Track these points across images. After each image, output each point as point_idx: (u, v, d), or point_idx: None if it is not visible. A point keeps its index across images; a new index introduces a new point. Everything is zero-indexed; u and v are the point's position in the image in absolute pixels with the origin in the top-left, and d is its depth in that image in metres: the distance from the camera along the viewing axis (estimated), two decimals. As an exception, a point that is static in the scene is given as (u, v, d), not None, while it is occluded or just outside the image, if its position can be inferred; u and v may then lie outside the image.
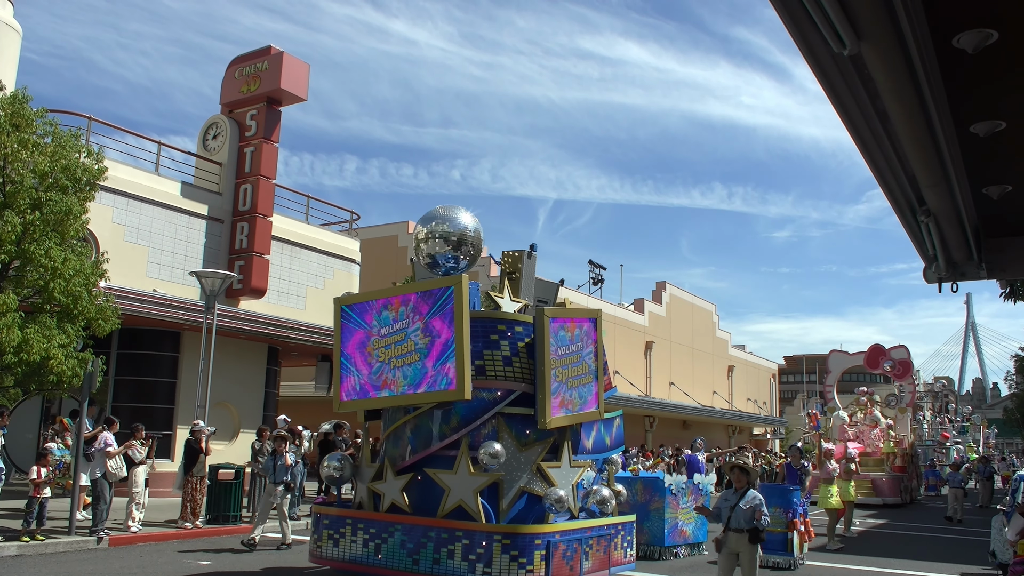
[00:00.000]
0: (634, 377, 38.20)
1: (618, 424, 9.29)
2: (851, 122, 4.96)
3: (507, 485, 7.54)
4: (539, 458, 7.74)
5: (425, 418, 7.84)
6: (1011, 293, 16.70)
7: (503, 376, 7.77)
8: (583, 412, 8.17)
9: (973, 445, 48.77)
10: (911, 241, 7.24)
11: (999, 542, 12.25)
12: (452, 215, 8.51)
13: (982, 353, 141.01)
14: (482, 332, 7.81)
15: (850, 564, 12.79)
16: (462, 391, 7.27)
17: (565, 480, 7.84)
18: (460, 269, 8.60)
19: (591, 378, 8.37)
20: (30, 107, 13.26)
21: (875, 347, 30.24)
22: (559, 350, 7.87)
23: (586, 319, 8.44)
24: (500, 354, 7.80)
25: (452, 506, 7.30)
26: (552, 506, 7.32)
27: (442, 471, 7.47)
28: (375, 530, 7.64)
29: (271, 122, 22.42)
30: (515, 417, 7.81)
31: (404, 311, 7.79)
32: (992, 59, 4.21)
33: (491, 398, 7.72)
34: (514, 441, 7.65)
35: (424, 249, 8.55)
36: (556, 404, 7.73)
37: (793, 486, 12.33)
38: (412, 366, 7.65)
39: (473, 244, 8.57)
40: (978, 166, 5.60)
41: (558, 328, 7.93)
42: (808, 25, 3.72)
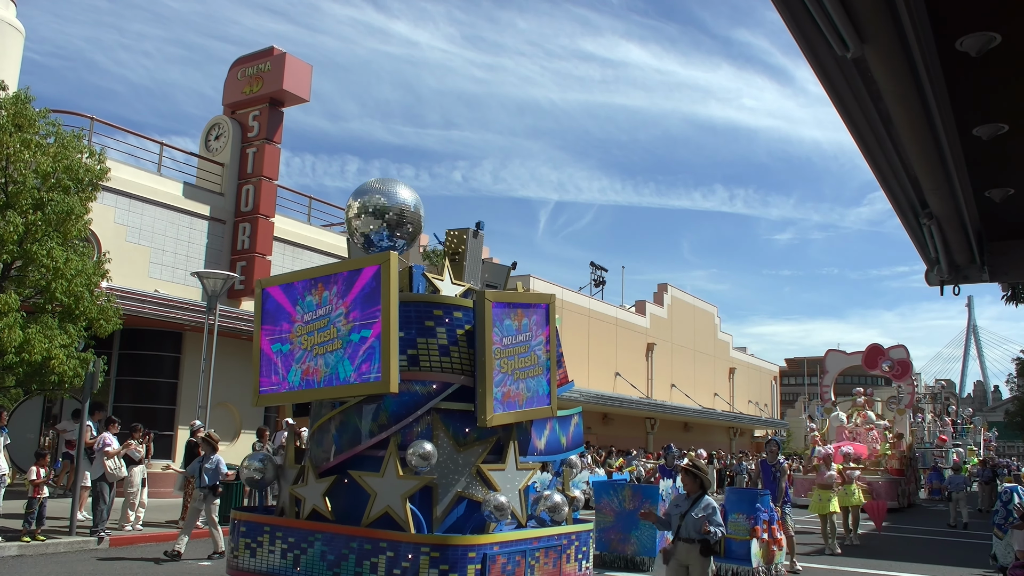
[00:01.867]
0: (635, 379, 38.18)
1: (576, 423, 8.26)
2: (854, 125, 4.96)
3: (442, 490, 6.69)
4: (480, 460, 6.87)
5: (351, 414, 6.97)
6: (1013, 296, 16.67)
7: (439, 367, 6.89)
8: (532, 409, 7.25)
9: (974, 448, 48.69)
10: (913, 244, 7.23)
11: (1000, 545, 12.23)
12: (388, 188, 7.56)
13: (983, 356, 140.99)
14: (416, 318, 6.94)
15: (850, 567, 12.77)
16: (387, 383, 6.44)
17: (510, 484, 6.99)
18: (398, 249, 7.63)
19: (542, 371, 7.41)
20: (32, 107, 13.28)
21: (873, 347, 29.60)
22: (503, 339, 7.03)
23: (537, 305, 7.47)
24: (436, 343, 6.93)
25: (378, 513, 6.48)
26: (491, 514, 6.47)
27: (368, 474, 6.64)
28: (294, 539, 6.83)
29: (273, 123, 22.44)
30: (453, 413, 6.90)
31: (328, 295, 6.96)
32: (995, 62, 4.20)
33: (425, 392, 6.83)
34: (451, 440, 6.80)
35: (357, 227, 7.57)
36: (499, 399, 6.89)
37: (763, 490, 11.49)
38: (335, 355, 6.82)
39: (412, 222, 7.64)
40: (980, 169, 5.60)
41: (502, 314, 7.07)
42: (811, 28, 3.72)
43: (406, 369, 6.77)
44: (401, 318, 6.70)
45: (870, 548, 15.67)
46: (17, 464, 16.05)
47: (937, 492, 30.86)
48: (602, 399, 32.79)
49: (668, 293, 43.68)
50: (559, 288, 34.23)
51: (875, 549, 15.54)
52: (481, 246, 8.46)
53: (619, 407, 34.65)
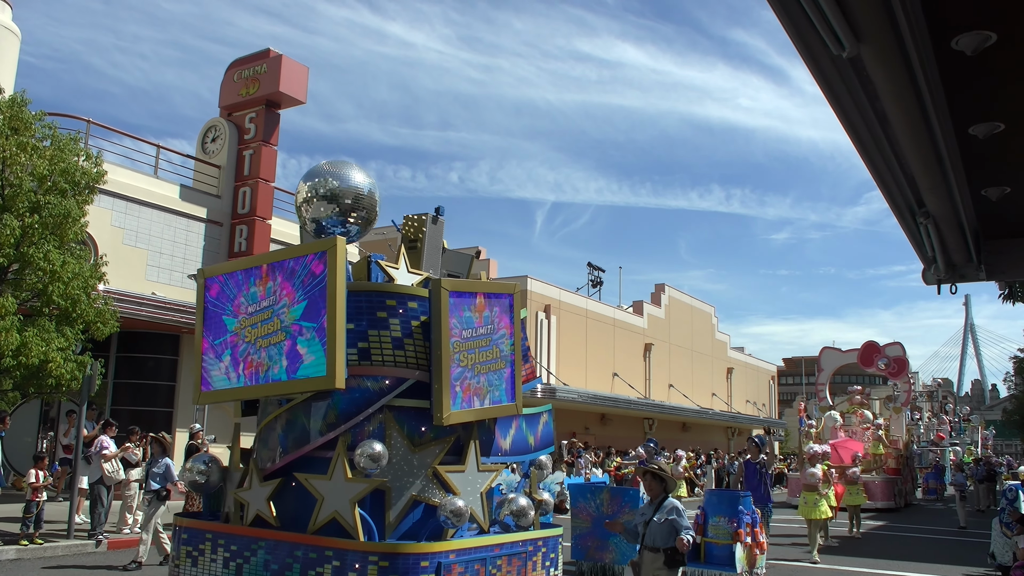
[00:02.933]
0: (633, 379, 38.19)
1: (545, 421, 7.81)
2: (850, 124, 4.97)
3: (395, 493, 6.23)
4: (436, 461, 6.39)
5: (298, 412, 6.51)
6: (1010, 295, 16.73)
7: (392, 361, 6.42)
8: (494, 406, 6.77)
9: (973, 448, 48.73)
10: (910, 243, 7.24)
11: (999, 544, 12.25)
12: (341, 171, 7.07)
13: (981, 355, 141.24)
14: (367, 308, 6.47)
15: (849, 566, 12.79)
16: (333, 378, 6.00)
17: (471, 487, 6.51)
18: (352, 237, 7.16)
19: (505, 366, 6.91)
20: (29, 110, 13.26)
21: (869, 344, 28.99)
22: (462, 331, 6.56)
23: (500, 295, 6.96)
24: (389, 335, 6.45)
25: (325, 519, 6.02)
26: (448, 519, 6.01)
27: (315, 476, 6.19)
28: (237, 547, 6.36)
29: (270, 125, 22.43)
30: (408, 411, 6.43)
31: (272, 284, 6.52)
32: (991, 61, 4.21)
33: (377, 388, 6.37)
34: (405, 440, 6.33)
35: (307, 213, 7.09)
36: (457, 396, 6.41)
37: (744, 492, 10.85)
38: (279, 348, 6.38)
39: (367, 207, 7.11)
40: (977, 168, 5.61)
41: (461, 304, 6.60)
42: (807, 27, 3.73)
43: (356, 364, 6.34)
44: (351, 309, 6.32)
45: (868, 547, 15.69)
46: (14, 467, 16.02)
47: (933, 492, 30.70)
48: (600, 399, 32.79)
49: (666, 293, 43.71)
50: (556, 289, 34.24)
51: (873, 548, 15.56)
52: (441, 232, 7.97)
53: (617, 407, 34.66)
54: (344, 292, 6.21)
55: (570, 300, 35.03)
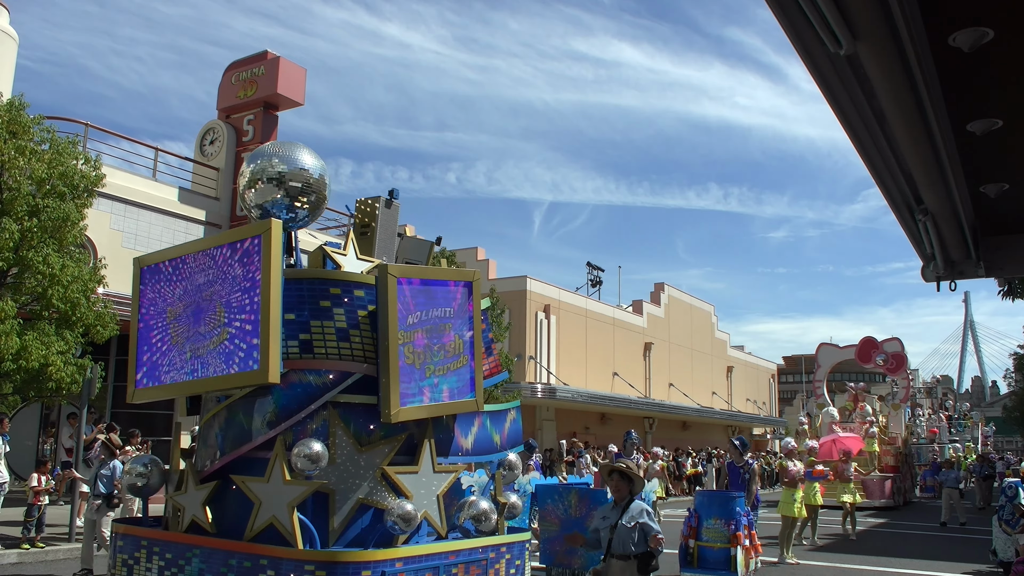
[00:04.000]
0: (633, 379, 38.21)
1: (512, 418, 7.25)
2: (848, 122, 4.97)
3: (340, 497, 5.77)
4: (386, 461, 5.91)
5: (237, 409, 6.03)
6: (1009, 291, 16.72)
7: (337, 354, 5.93)
8: (450, 402, 6.24)
9: (972, 444, 48.73)
10: (909, 240, 7.25)
11: (1000, 540, 12.26)
12: (288, 153, 6.57)
13: (981, 351, 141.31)
14: (309, 297, 5.99)
15: (850, 564, 12.79)
16: (266, 372, 5.53)
17: (425, 490, 6.03)
18: (300, 223, 6.67)
19: (464, 359, 6.40)
20: (27, 114, 13.27)
21: (867, 340, 28.57)
22: (413, 321, 6.06)
23: (457, 283, 6.44)
24: (334, 325, 5.97)
25: (263, 524, 5.59)
26: (396, 524, 5.55)
27: (253, 479, 5.74)
28: (172, 555, 5.93)
29: (268, 127, 22.44)
30: (354, 407, 5.97)
31: (207, 273, 6.15)
32: (988, 57, 4.22)
33: (320, 383, 5.91)
34: (351, 439, 5.87)
35: (251, 199, 6.54)
36: (408, 391, 5.90)
37: (736, 492, 10.35)
38: (213, 340, 6.01)
39: (316, 191, 6.58)
40: (975, 164, 5.61)
41: (412, 292, 6.07)
42: (803, 25, 3.73)
43: (298, 357, 5.88)
44: (292, 298, 5.89)
45: (867, 545, 15.70)
46: (15, 471, 16.02)
47: (931, 489, 30.44)
48: (600, 399, 32.80)
49: (665, 292, 43.73)
50: (556, 289, 34.26)
51: (873, 546, 15.57)
52: (396, 217, 7.43)
53: (617, 407, 34.67)
54: (279, 279, 5.76)
55: (569, 300, 35.04)
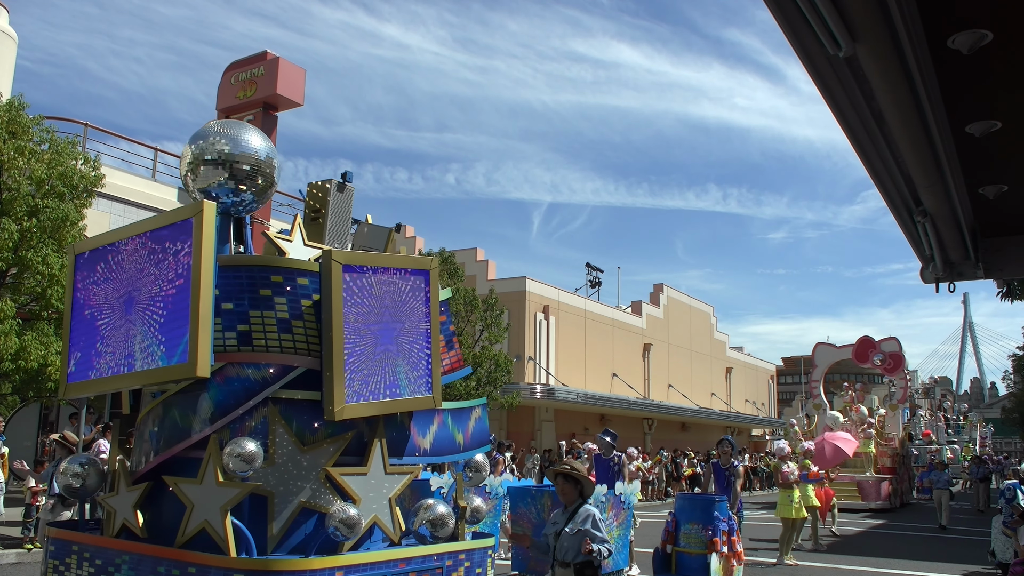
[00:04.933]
0: (632, 379, 38.21)
1: (478, 417, 6.86)
2: (847, 124, 4.98)
3: (280, 500, 5.43)
4: (330, 461, 5.57)
5: (172, 406, 5.70)
6: (1008, 292, 16.74)
7: (278, 347, 5.58)
8: (402, 398, 5.85)
9: (970, 445, 48.76)
10: (908, 241, 7.26)
11: (999, 542, 12.27)
12: (233, 132, 6.14)
13: (980, 353, 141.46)
14: (248, 285, 5.61)
15: (848, 565, 12.80)
16: (194, 365, 5.16)
17: (375, 493, 5.70)
18: (246, 208, 6.27)
19: (419, 353, 6.02)
20: (26, 115, 13.27)
21: (864, 339, 28.02)
22: (362, 311, 5.71)
23: (412, 271, 6.03)
24: (275, 316, 5.60)
25: (195, 529, 5.24)
26: (337, 530, 5.23)
27: (185, 480, 5.40)
28: (102, 561, 5.60)
29: (267, 128, 22.44)
30: (297, 404, 5.62)
31: (138, 259, 5.76)
32: (987, 59, 4.23)
33: (260, 377, 5.57)
34: (292, 437, 5.52)
35: (193, 181, 6.14)
36: (354, 386, 5.56)
37: (719, 496, 9.83)
38: (143, 330, 5.61)
39: (264, 174, 6.17)
40: (974, 166, 5.63)
41: (359, 280, 5.71)
42: (803, 27, 3.74)
43: (235, 349, 5.53)
44: (231, 286, 5.57)
45: (866, 546, 15.71)
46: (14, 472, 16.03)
47: (928, 491, 30.19)
48: (599, 400, 32.81)
49: (664, 293, 43.74)
50: (555, 289, 34.27)
51: (871, 547, 15.58)
52: (350, 202, 7.08)
53: (616, 408, 34.68)
54: (212, 265, 5.40)
55: (568, 301, 35.05)
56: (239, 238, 6.36)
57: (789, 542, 12.99)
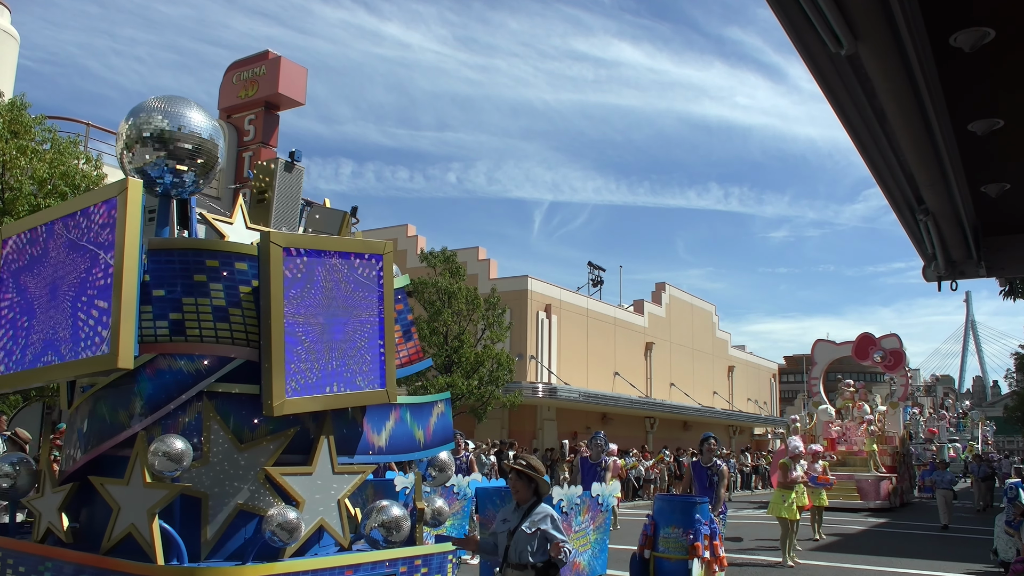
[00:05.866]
0: (634, 378, 38.20)
1: (441, 412, 6.34)
2: (849, 122, 4.98)
3: (215, 502, 4.98)
4: (271, 460, 5.12)
5: (100, 401, 5.30)
6: (1011, 291, 16.73)
7: (214, 336, 5.15)
8: (353, 392, 5.39)
9: (973, 444, 48.69)
10: (910, 240, 7.25)
11: (1002, 540, 12.26)
12: (173, 109, 5.62)
13: (982, 351, 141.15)
14: (181, 271, 5.16)
15: (851, 563, 12.78)
16: (115, 356, 4.72)
17: (322, 494, 5.24)
18: (187, 189, 5.79)
19: (372, 344, 5.53)
20: (28, 114, 13.29)
21: (864, 336, 27.76)
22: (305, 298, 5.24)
23: (363, 256, 5.55)
24: (210, 303, 5.17)
25: (121, 534, 4.83)
26: (274, 535, 4.78)
27: (112, 481, 4.96)
28: (24, 568, 5.23)
29: (269, 127, 22.46)
30: (235, 398, 5.18)
31: (61, 243, 5.37)
32: (989, 57, 4.22)
33: (194, 369, 5.13)
34: (229, 434, 5.07)
35: (129, 161, 5.65)
36: (297, 379, 5.11)
37: (701, 498, 9.22)
38: (65, 319, 5.22)
39: (206, 153, 5.69)
40: (976, 164, 5.61)
41: (303, 264, 5.23)
42: (805, 25, 3.73)
43: (167, 339, 5.13)
44: (163, 271, 5.15)
45: (868, 545, 15.70)
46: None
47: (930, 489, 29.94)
48: (601, 399, 32.81)
49: (666, 292, 43.73)
50: (557, 288, 34.27)
51: (873, 546, 15.56)
52: (299, 183, 6.64)
53: (618, 407, 34.67)
54: (137, 248, 4.95)
55: (570, 300, 35.05)
56: (183, 222, 5.97)
57: (791, 543, 12.69)
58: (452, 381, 23.23)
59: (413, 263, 31.86)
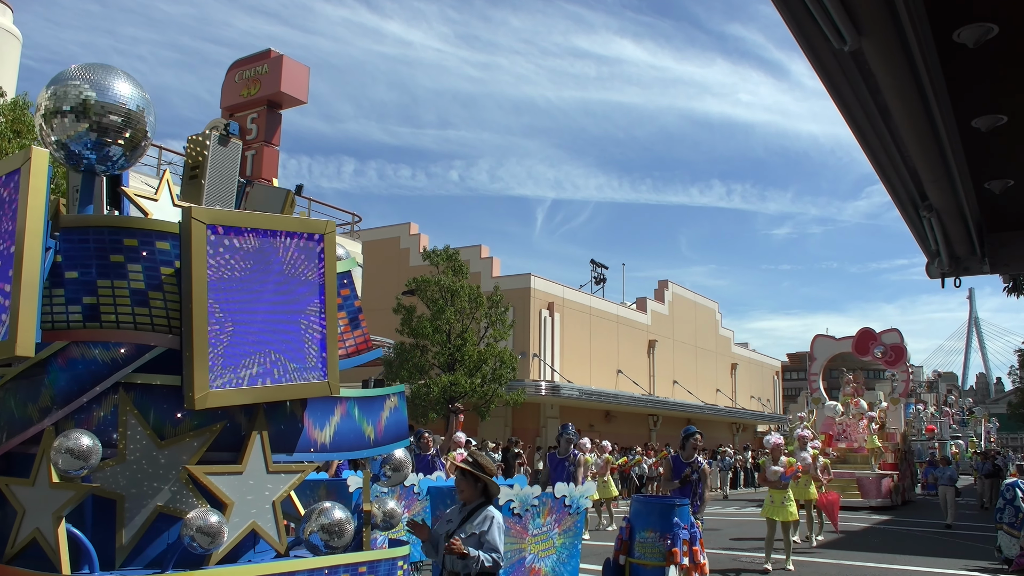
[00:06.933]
0: (637, 376, 38.20)
1: (393, 407, 5.87)
2: (852, 119, 4.97)
3: (132, 504, 4.61)
4: (194, 458, 4.74)
5: (9, 393, 4.95)
6: (1014, 287, 16.70)
7: (132, 322, 4.73)
8: (289, 384, 5.00)
9: (976, 440, 48.59)
10: (914, 236, 7.24)
11: (1005, 538, 12.25)
12: (99, 78, 5.19)
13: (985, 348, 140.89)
14: (96, 250, 4.73)
15: (854, 560, 12.77)
16: (14, 343, 4.34)
17: (255, 495, 4.87)
18: (114, 165, 5.38)
19: (312, 331, 5.15)
20: (30, 113, 13.30)
21: (864, 331, 27.41)
22: (229, 278, 4.84)
23: (299, 235, 5.16)
24: (128, 286, 4.74)
25: (26, 539, 4.46)
26: (194, 540, 4.40)
27: (17, 481, 4.61)
28: None
29: (272, 125, 22.35)
30: (155, 390, 4.80)
31: None
32: (992, 54, 4.21)
33: (110, 359, 4.74)
34: (147, 430, 4.69)
35: (49, 133, 5.24)
36: (224, 369, 4.73)
37: (680, 499, 8.50)
38: None
39: (134, 126, 5.27)
40: (980, 161, 5.60)
41: (231, 244, 4.83)
42: (808, 22, 3.73)
43: (80, 326, 4.71)
44: (76, 251, 4.74)
45: (871, 542, 15.68)
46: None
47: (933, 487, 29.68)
48: (604, 396, 32.81)
49: (669, 290, 43.72)
50: (560, 286, 34.27)
51: (876, 543, 15.55)
52: (236, 158, 6.23)
53: (621, 404, 34.68)
54: (41, 224, 4.53)
55: (573, 297, 35.05)
56: (114, 201, 5.58)
57: (789, 544, 11.91)
58: (455, 379, 23.25)
59: (416, 261, 31.89)
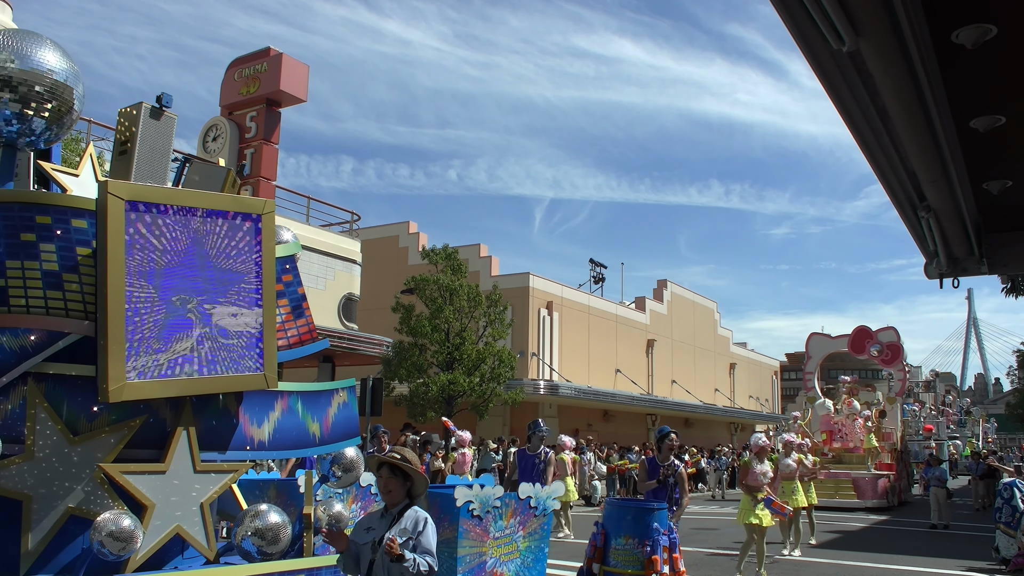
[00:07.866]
0: (636, 375, 38.21)
1: (342, 402, 5.43)
2: (850, 119, 4.97)
3: (41, 506, 4.18)
4: (110, 456, 4.31)
5: None
6: (1012, 288, 16.73)
7: (43, 307, 4.31)
8: (220, 376, 4.54)
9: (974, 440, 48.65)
10: (912, 237, 7.25)
11: (1003, 538, 12.27)
12: (22, 46, 4.80)
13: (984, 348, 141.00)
14: (5, 228, 4.31)
15: (850, 560, 12.79)
16: None
17: (180, 496, 4.43)
18: (38, 138, 5.00)
19: (249, 319, 4.70)
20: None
21: (860, 329, 26.97)
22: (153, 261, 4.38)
23: (234, 214, 4.68)
24: (39, 268, 4.33)
25: None
26: (103, 545, 4.04)
27: None
28: None
29: (271, 124, 22.46)
30: (70, 381, 4.37)
31: None
32: (991, 54, 4.21)
33: (18, 346, 4.31)
34: (59, 424, 4.26)
35: None
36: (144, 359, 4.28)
37: (658, 503, 7.78)
38: None
39: (59, 96, 4.89)
40: (978, 161, 5.61)
41: (154, 222, 4.37)
42: (807, 22, 3.73)
43: None
44: None
45: (869, 542, 15.70)
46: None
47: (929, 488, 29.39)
48: (603, 396, 32.82)
49: (668, 289, 43.73)
50: (558, 286, 34.27)
51: (875, 543, 15.57)
52: (169, 133, 5.81)
53: (619, 404, 34.69)
54: None
55: (572, 297, 35.06)
56: (43, 183, 5.34)
57: (762, 552, 10.85)
58: (454, 378, 23.26)
59: (415, 260, 31.88)
